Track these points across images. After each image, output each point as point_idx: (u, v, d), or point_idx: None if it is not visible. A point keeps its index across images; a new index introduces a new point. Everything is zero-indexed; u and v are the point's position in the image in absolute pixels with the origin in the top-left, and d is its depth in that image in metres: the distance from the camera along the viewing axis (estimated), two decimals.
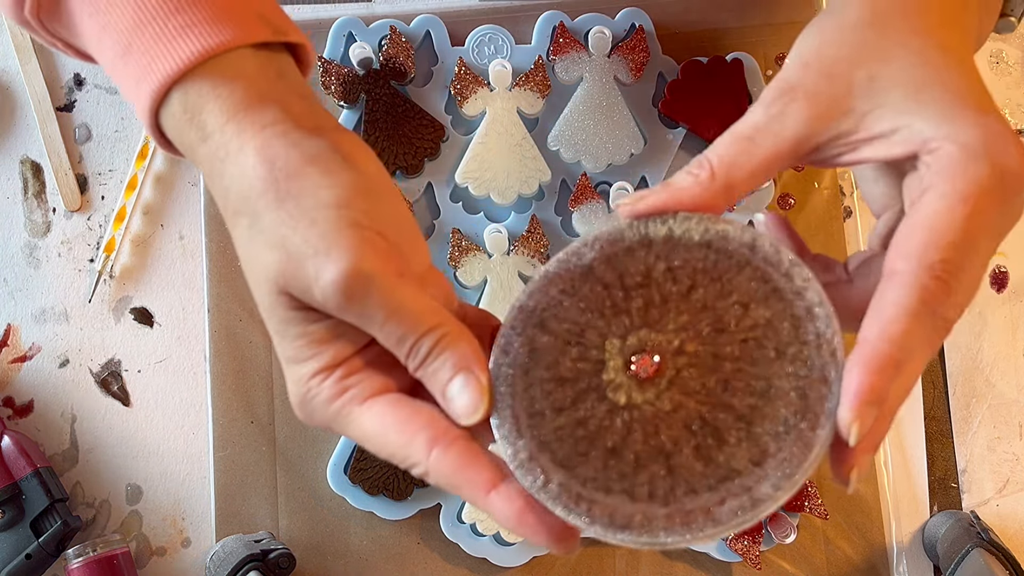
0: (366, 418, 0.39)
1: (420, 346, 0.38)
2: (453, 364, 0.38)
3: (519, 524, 0.37)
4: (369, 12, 0.68)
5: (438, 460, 0.37)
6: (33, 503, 0.61)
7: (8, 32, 0.67)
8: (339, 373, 0.39)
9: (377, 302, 0.37)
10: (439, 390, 0.38)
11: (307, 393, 0.39)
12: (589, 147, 0.66)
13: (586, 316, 0.38)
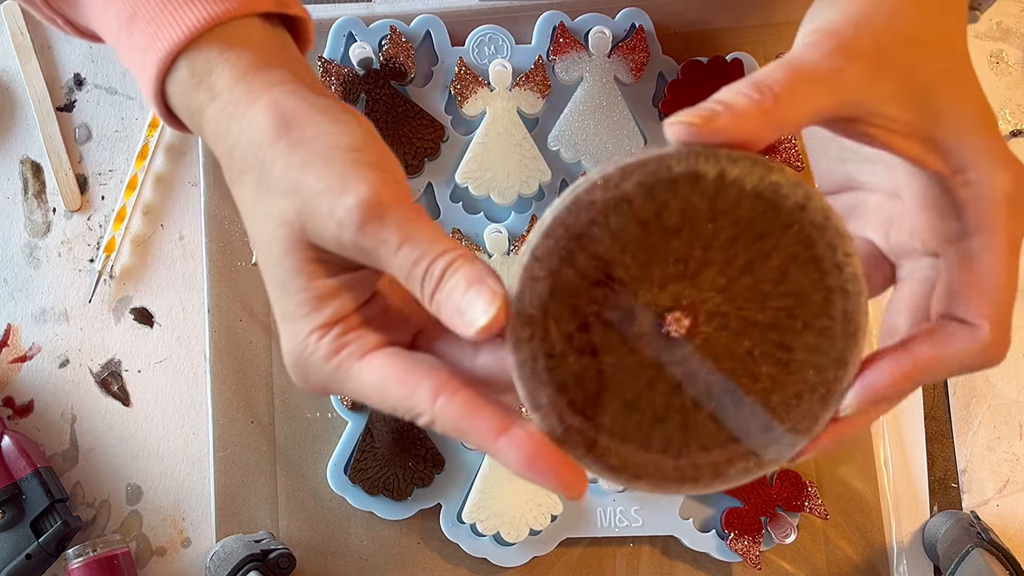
0: (365, 372, 0.38)
1: (435, 267, 0.37)
2: (467, 280, 0.37)
3: (529, 468, 0.36)
4: (369, 12, 0.68)
5: (444, 407, 0.37)
6: (33, 503, 0.61)
7: (8, 32, 0.67)
8: (338, 330, 0.38)
9: (393, 227, 0.37)
10: (454, 306, 0.36)
11: (304, 350, 0.39)
12: (589, 147, 0.66)
13: (617, 255, 0.35)
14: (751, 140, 0.35)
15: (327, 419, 0.66)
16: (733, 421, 0.36)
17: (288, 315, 0.39)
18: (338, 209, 0.36)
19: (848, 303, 0.36)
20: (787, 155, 0.67)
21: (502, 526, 0.63)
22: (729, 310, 0.36)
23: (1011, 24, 0.71)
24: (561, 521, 0.65)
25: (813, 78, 0.37)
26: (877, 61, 0.38)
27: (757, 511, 0.64)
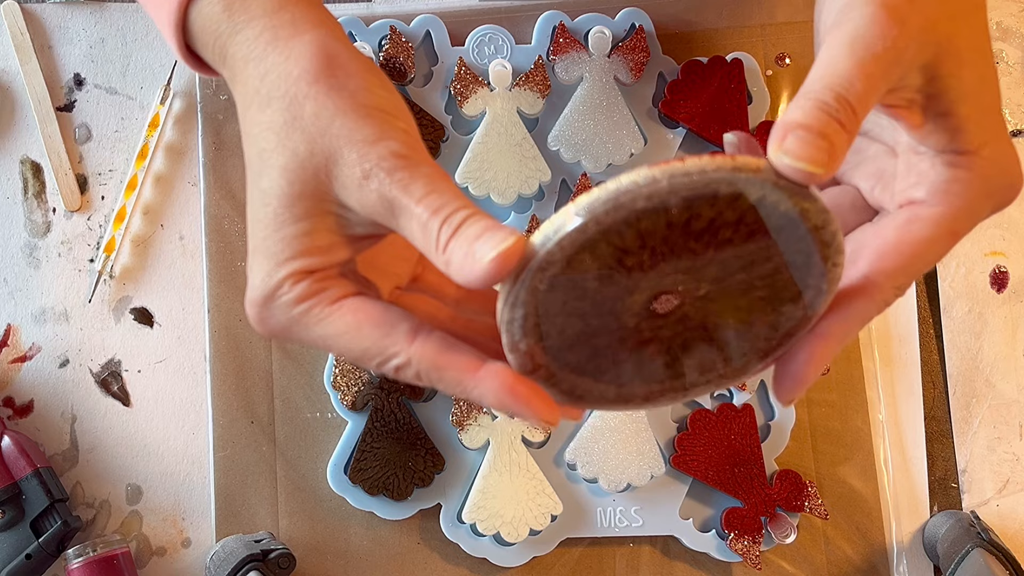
0: (337, 316, 0.38)
1: (456, 215, 0.36)
2: (485, 225, 0.36)
3: (510, 395, 0.37)
4: (369, 12, 0.68)
5: (422, 345, 0.37)
6: (33, 503, 0.61)
7: (8, 32, 0.67)
8: (316, 276, 0.38)
9: (423, 178, 0.37)
10: (467, 247, 0.36)
11: (276, 291, 0.38)
12: (589, 147, 0.66)
13: (636, 249, 0.36)
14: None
15: (327, 419, 0.66)
16: (680, 365, 0.40)
17: (269, 252, 0.38)
18: (371, 156, 0.36)
19: (818, 299, 0.39)
20: None
21: (502, 526, 0.63)
22: (716, 295, 0.38)
23: (1011, 24, 0.71)
24: (561, 521, 0.65)
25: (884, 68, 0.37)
26: (923, 35, 0.38)
27: (757, 511, 0.64)
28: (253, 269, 0.39)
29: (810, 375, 0.39)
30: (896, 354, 0.68)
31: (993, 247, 0.69)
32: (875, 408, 0.67)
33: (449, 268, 0.36)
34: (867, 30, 0.37)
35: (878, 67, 0.37)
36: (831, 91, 0.36)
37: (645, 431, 0.65)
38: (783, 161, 0.35)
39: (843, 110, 0.36)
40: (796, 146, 0.34)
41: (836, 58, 0.37)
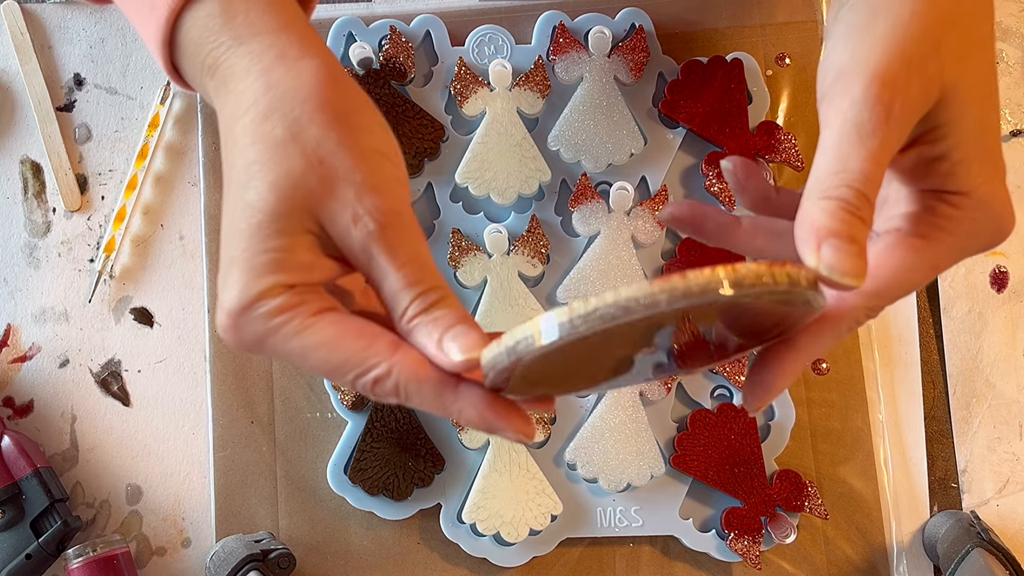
0: (317, 328, 0.38)
1: (429, 295, 0.38)
2: (458, 315, 0.38)
3: (491, 411, 0.37)
4: (369, 12, 0.68)
5: (404, 356, 0.37)
6: (33, 503, 0.61)
7: (8, 32, 0.67)
8: (296, 290, 0.38)
9: (408, 244, 0.38)
10: (438, 334, 0.37)
11: (254, 303, 0.38)
12: (589, 147, 0.66)
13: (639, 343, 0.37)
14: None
15: (327, 419, 0.66)
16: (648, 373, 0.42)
17: (249, 264, 0.38)
18: (365, 203, 0.37)
19: (796, 327, 0.39)
20: (787, 155, 0.67)
21: (502, 526, 0.63)
22: (701, 354, 0.40)
23: (1011, 24, 0.71)
24: (561, 521, 0.65)
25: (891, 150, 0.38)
26: (927, 88, 0.38)
27: (757, 511, 0.64)
28: (229, 279, 0.39)
29: (779, 385, 0.39)
30: (896, 354, 0.68)
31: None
32: (875, 408, 0.67)
33: (410, 338, 0.38)
34: (869, 115, 0.38)
35: (886, 150, 0.38)
36: (850, 189, 0.37)
37: (645, 431, 0.65)
38: (830, 276, 0.36)
39: (863, 206, 0.37)
40: (838, 259, 0.36)
41: (846, 152, 0.37)
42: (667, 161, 0.68)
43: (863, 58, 0.38)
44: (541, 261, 0.66)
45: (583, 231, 0.66)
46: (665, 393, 0.65)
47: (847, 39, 0.39)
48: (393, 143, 0.40)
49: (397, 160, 0.39)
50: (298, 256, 0.38)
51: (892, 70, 0.38)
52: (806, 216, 0.37)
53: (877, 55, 0.38)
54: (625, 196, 0.66)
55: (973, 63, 0.39)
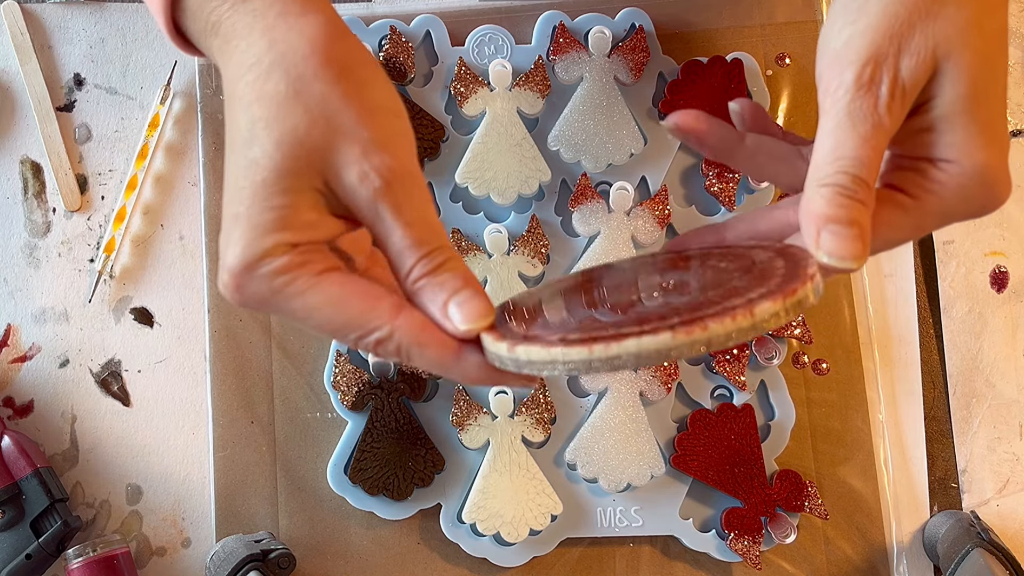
0: (321, 287, 0.38)
1: (436, 255, 0.38)
2: (464, 279, 0.38)
3: (493, 373, 0.38)
4: (369, 12, 0.68)
5: (407, 319, 0.38)
6: (33, 503, 0.61)
7: (8, 32, 0.67)
8: (301, 248, 0.38)
9: (415, 202, 0.37)
10: (442, 299, 0.38)
11: (259, 260, 0.37)
12: (589, 147, 0.66)
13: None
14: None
15: (327, 419, 0.66)
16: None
17: (254, 222, 0.38)
18: (372, 160, 0.37)
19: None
20: None
21: (502, 526, 0.63)
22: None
23: (1011, 24, 0.71)
24: (561, 521, 0.65)
25: (887, 134, 0.39)
26: (919, 66, 0.39)
27: (757, 511, 0.64)
28: (232, 237, 0.38)
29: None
30: (896, 354, 0.68)
31: (993, 247, 0.69)
32: (875, 408, 0.67)
33: (415, 299, 0.38)
34: (861, 101, 0.38)
35: (880, 133, 0.38)
36: (846, 174, 0.38)
37: (645, 431, 0.65)
38: (829, 262, 0.37)
39: (860, 189, 0.38)
40: (836, 244, 0.37)
41: (840, 139, 0.38)
42: (667, 161, 0.68)
43: (856, 42, 0.39)
44: (541, 261, 0.66)
45: (583, 231, 0.66)
46: (665, 393, 0.65)
47: (843, 20, 0.40)
48: (398, 99, 0.39)
49: (403, 116, 0.39)
50: (303, 214, 0.38)
51: (881, 52, 0.39)
52: (806, 205, 0.38)
53: (868, 38, 0.39)
54: (625, 196, 0.66)
55: (973, 36, 0.39)
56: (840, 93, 0.39)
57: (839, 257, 0.36)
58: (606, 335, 0.35)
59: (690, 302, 0.38)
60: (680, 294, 0.39)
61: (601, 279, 0.43)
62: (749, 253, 0.41)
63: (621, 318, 0.38)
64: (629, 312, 0.39)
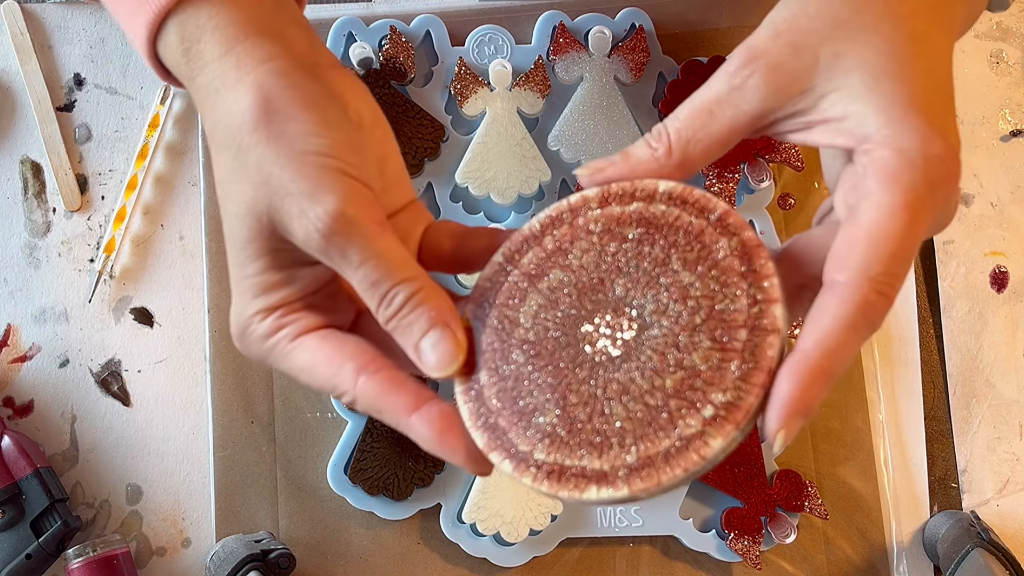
0: (297, 353, 0.40)
1: (395, 294, 0.38)
2: (428, 318, 0.39)
3: (440, 444, 0.39)
4: (369, 12, 0.68)
5: (364, 385, 0.39)
6: (33, 503, 0.61)
7: (8, 32, 0.67)
8: (278, 314, 0.40)
9: (358, 245, 0.38)
10: (412, 343, 0.39)
11: (247, 327, 0.41)
12: (589, 147, 0.66)
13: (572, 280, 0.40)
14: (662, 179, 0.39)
15: (327, 419, 0.66)
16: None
17: (239, 291, 0.41)
18: (308, 216, 0.37)
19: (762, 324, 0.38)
20: (787, 155, 0.67)
21: (502, 526, 0.63)
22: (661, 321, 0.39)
23: (1011, 24, 0.71)
24: (561, 521, 0.65)
25: (712, 107, 0.40)
26: (786, 62, 0.40)
27: (757, 511, 0.64)
28: (232, 304, 0.41)
29: (791, 396, 0.35)
30: (896, 354, 0.68)
31: (993, 247, 0.69)
32: (875, 408, 0.67)
33: (394, 338, 0.39)
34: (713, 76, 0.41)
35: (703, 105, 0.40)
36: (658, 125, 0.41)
37: None
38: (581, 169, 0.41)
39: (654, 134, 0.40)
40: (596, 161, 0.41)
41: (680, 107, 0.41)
42: None
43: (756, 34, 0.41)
44: None
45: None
46: None
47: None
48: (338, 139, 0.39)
49: (346, 152, 0.38)
50: (271, 277, 0.40)
51: (761, 43, 0.41)
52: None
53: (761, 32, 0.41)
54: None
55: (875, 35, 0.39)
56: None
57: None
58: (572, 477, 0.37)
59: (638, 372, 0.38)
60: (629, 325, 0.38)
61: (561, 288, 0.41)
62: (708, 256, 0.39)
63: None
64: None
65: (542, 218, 0.41)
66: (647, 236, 0.39)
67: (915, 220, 0.37)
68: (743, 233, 0.38)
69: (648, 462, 0.36)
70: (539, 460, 0.38)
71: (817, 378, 0.35)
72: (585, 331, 0.39)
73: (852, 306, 0.36)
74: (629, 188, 0.40)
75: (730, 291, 0.38)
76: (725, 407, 0.36)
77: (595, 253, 0.40)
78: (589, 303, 0.39)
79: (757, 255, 0.38)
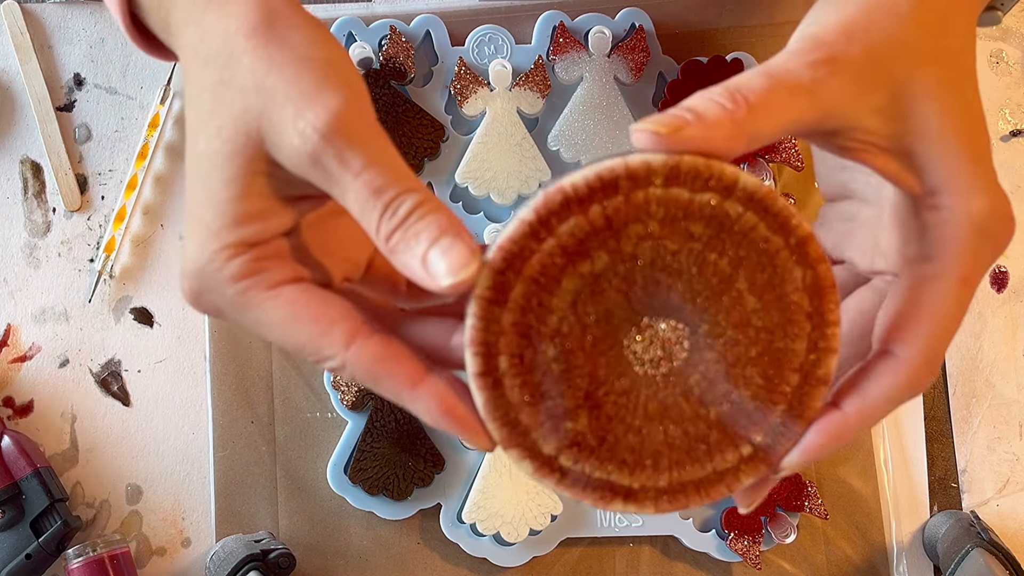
0: (273, 304, 0.35)
1: (401, 202, 0.33)
2: (438, 226, 0.33)
3: (449, 419, 0.35)
4: (369, 12, 0.68)
5: (359, 350, 0.34)
6: (33, 503, 0.61)
7: (8, 32, 0.67)
8: (254, 254, 0.35)
9: (361, 146, 0.33)
10: (419, 255, 0.33)
11: (209, 265, 0.35)
12: (589, 147, 0.66)
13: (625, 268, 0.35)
14: (720, 151, 0.34)
15: (327, 419, 0.66)
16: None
17: (204, 222, 0.35)
18: (306, 116, 0.33)
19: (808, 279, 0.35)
20: (787, 155, 0.67)
21: (502, 526, 0.63)
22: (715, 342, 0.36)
23: (1011, 24, 0.71)
24: (561, 521, 0.65)
25: (793, 89, 0.35)
26: (865, 73, 0.36)
27: (757, 511, 0.64)
28: (188, 239, 0.36)
29: (816, 448, 0.36)
30: None
31: None
32: None
33: (393, 259, 0.34)
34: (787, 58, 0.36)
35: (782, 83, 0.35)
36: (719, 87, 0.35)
37: None
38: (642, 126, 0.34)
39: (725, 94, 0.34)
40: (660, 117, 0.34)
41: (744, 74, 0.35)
42: None
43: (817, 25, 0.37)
44: None
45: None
46: None
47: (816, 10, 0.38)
48: (343, 55, 0.36)
49: (348, 69, 0.36)
50: (250, 204, 0.35)
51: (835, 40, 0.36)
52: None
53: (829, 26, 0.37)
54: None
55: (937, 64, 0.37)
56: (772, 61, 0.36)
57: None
58: (599, 489, 0.35)
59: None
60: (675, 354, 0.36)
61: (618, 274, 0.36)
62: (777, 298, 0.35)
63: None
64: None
65: (589, 176, 0.34)
66: (716, 242, 0.34)
67: (973, 291, 0.37)
68: (819, 267, 0.35)
69: (680, 488, 0.36)
70: (565, 467, 0.35)
71: (844, 438, 0.36)
72: (632, 338, 0.35)
73: (905, 382, 0.36)
74: (704, 169, 0.33)
75: (792, 330, 0.35)
76: (763, 449, 0.36)
77: (653, 244, 0.34)
78: (639, 305, 0.35)
79: (828, 297, 0.35)
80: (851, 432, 0.36)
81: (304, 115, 0.33)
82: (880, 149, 0.37)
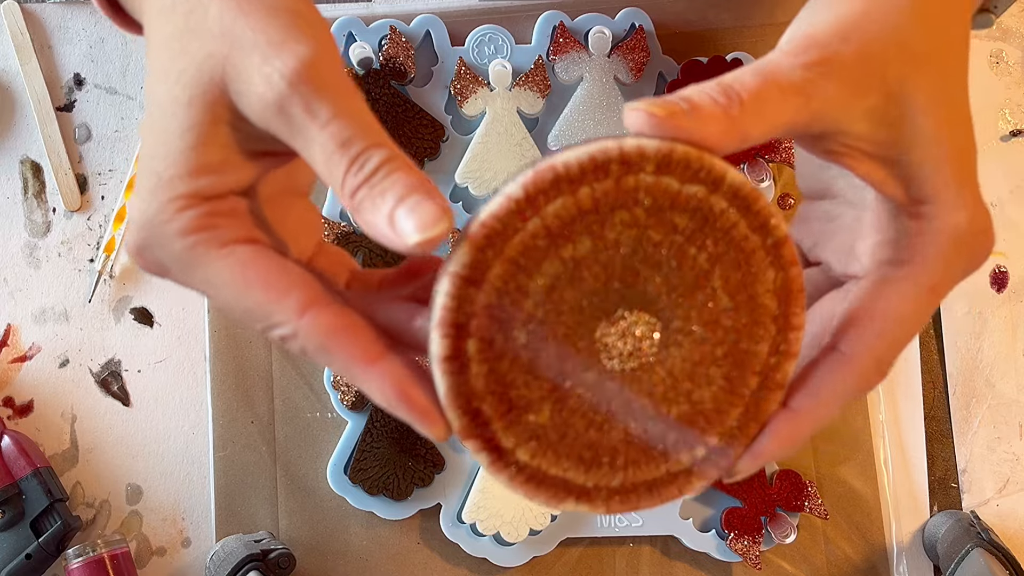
0: (223, 264, 0.33)
1: (368, 157, 0.31)
2: (406, 184, 0.31)
3: (402, 400, 0.33)
4: (369, 12, 0.68)
5: (312, 320, 0.32)
6: (33, 503, 0.61)
7: (8, 32, 0.67)
8: (207, 208, 0.33)
9: (329, 96, 0.32)
10: (385, 212, 0.31)
11: (158, 216, 0.33)
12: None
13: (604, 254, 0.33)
14: (712, 144, 0.33)
15: (327, 419, 0.66)
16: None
17: (155, 172, 0.33)
18: (273, 63, 0.32)
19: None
20: (787, 155, 0.67)
21: (502, 526, 0.63)
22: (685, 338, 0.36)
23: (1011, 24, 0.71)
24: (561, 521, 0.65)
25: (785, 89, 0.34)
26: (858, 75, 0.35)
27: (757, 511, 0.64)
28: (137, 190, 0.34)
29: (767, 451, 0.36)
30: None
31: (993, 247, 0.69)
32: (875, 408, 0.67)
33: (358, 217, 0.32)
34: (780, 57, 0.35)
35: (775, 83, 0.34)
36: (713, 82, 0.34)
37: None
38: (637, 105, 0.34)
39: (719, 89, 0.34)
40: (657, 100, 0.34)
41: (737, 72, 0.34)
42: None
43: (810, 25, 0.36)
44: None
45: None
46: None
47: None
48: (314, 10, 0.35)
49: (319, 23, 0.34)
50: (207, 154, 0.33)
51: (828, 40, 0.35)
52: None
53: (822, 24, 0.36)
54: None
55: (931, 70, 0.36)
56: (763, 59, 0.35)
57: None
58: (551, 487, 0.35)
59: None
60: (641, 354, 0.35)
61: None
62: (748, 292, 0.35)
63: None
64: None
65: (583, 156, 0.32)
66: (698, 236, 0.33)
67: (938, 303, 0.37)
68: (791, 270, 0.35)
69: (632, 488, 0.35)
70: (521, 461, 0.34)
71: (796, 440, 0.36)
72: (604, 329, 0.34)
73: (853, 382, 0.36)
74: (695, 160, 0.33)
75: (758, 331, 0.35)
76: (717, 451, 0.36)
77: (637, 233, 0.33)
78: (615, 295, 0.34)
79: (795, 301, 0.35)
80: (802, 435, 0.36)
81: (271, 61, 0.32)
82: (866, 155, 0.37)
